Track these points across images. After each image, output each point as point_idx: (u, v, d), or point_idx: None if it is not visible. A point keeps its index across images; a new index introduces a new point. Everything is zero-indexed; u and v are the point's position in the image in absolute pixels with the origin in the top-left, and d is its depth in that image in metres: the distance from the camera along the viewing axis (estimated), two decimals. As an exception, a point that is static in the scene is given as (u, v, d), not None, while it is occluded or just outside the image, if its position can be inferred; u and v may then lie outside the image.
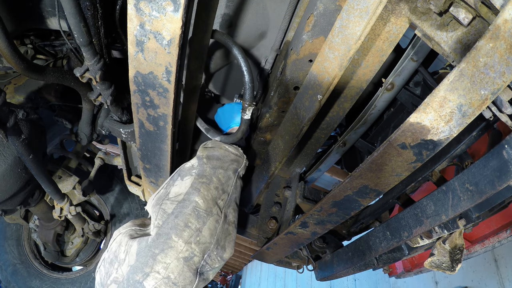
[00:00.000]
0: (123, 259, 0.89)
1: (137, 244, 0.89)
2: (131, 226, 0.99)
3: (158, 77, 0.87)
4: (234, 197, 1.10)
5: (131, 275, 0.85)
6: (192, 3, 0.79)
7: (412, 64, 1.16)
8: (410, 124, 0.67)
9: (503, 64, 0.53)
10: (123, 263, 0.88)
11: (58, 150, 2.29)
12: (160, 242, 0.88)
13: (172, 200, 0.97)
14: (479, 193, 0.75)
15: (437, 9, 0.67)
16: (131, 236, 0.94)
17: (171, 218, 0.93)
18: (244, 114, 1.12)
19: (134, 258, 0.87)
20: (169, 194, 1.00)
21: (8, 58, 0.97)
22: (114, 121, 1.37)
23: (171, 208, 0.95)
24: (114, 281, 0.87)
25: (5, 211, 2.29)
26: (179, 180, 1.04)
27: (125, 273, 0.86)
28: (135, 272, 0.85)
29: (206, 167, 1.07)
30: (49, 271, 2.88)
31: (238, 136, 1.20)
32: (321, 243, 1.64)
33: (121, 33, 1.19)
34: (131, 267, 0.86)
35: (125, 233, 0.96)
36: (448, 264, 1.05)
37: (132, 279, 0.84)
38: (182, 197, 0.97)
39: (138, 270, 0.85)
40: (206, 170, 1.07)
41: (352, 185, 0.90)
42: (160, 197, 1.01)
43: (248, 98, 1.08)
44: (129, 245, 0.90)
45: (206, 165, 1.08)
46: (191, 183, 1.00)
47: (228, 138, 1.24)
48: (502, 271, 2.77)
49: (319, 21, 0.94)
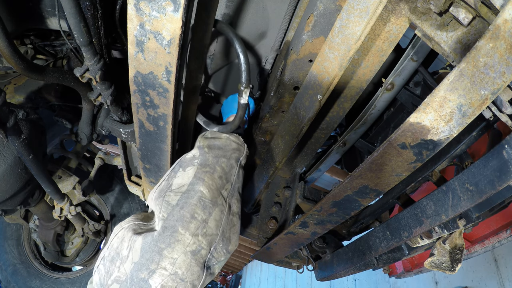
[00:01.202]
0: (126, 256, 0.82)
1: (142, 239, 0.83)
2: (134, 221, 0.92)
3: (158, 77, 0.87)
4: (237, 187, 1.06)
5: (135, 273, 0.79)
6: (192, 3, 0.79)
7: (412, 64, 1.16)
8: (410, 124, 0.67)
9: (503, 64, 0.53)
10: (126, 260, 0.82)
11: (58, 150, 2.29)
12: (166, 235, 0.83)
13: (176, 192, 0.92)
14: (479, 193, 0.75)
15: (437, 9, 0.67)
16: (135, 231, 0.87)
17: (176, 210, 0.88)
18: (240, 99, 1.08)
19: (138, 254, 0.81)
20: (171, 185, 0.95)
21: (8, 58, 0.97)
22: (114, 121, 1.37)
23: (175, 199, 0.90)
24: (115, 280, 0.80)
25: (5, 211, 2.29)
26: (181, 171, 0.98)
27: (128, 271, 0.80)
28: (139, 270, 0.79)
29: (208, 156, 1.03)
30: (49, 271, 2.88)
31: (236, 124, 1.16)
32: (321, 243, 1.64)
33: (121, 33, 1.19)
34: (135, 264, 0.80)
35: (128, 228, 0.88)
36: (448, 264, 1.05)
37: (136, 277, 0.78)
38: (186, 188, 0.92)
39: (143, 267, 0.79)
40: (209, 159, 1.02)
41: (352, 185, 0.90)
42: (162, 190, 0.96)
43: (244, 81, 1.04)
44: (132, 241, 0.84)
45: (208, 154, 1.03)
46: (194, 173, 0.96)
47: (226, 127, 1.20)
48: (502, 271, 2.77)
49: (319, 21, 0.94)
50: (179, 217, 0.86)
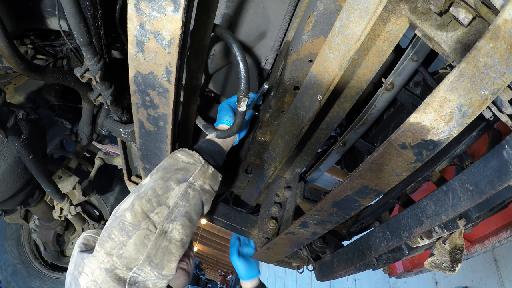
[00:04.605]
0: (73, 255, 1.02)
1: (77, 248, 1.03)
2: (93, 233, 1.11)
3: (158, 77, 0.87)
4: (184, 211, 0.96)
5: (73, 270, 0.96)
6: (192, 3, 0.79)
7: (412, 64, 1.16)
8: (410, 124, 0.67)
9: (503, 64, 0.53)
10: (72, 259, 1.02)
11: (58, 150, 2.29)
12: (89, 249, 1.00)
13: (115, 215, 0.95)
14: (479, 193, 0.75)
15: (437, 9, 0.67)
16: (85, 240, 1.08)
17: (102, 230, 0.95)
18: (239, 106, 1.07)
19: (74, 258, 1.00)
20: (118, 209, 0.97)
21: (8, 58, 0.97)
22: (114, 121, 1.37)
23: (109, 222, 0.95)
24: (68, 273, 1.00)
25: (5, 211, 2.29)
26: (128, 197, 0.99)
27: (71, 268, 0.98)
28: (75, 268, 0.95)
29: (149, 181, 1.00)
30: (49, 271, 2.87)
31: (233, 130, 1.15)
32: (321, 243, 1.64)
33: (121, 33, 1.19)
34: (74, 264, 0.98)
35: (82, 237, 1.09)
36: (448, 264, 1.05)
37: (72, 273, 0.96)
38: (121, 213, 0.94)
39: (76, 267, 0.95)
40: (148, 184, 0.98)
41: (352, 185, 0.90)
42: (113, 213, 0.98)
43: (243, 89, 1.03)
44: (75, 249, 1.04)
45: (150, 179, 1.01)
46: (132, 200, 0.95)
47: (223, 133, 1.19)
48: (502, 271, 2.77)
49: (319, 21, 0.94)
50: (100, 236, 0.94)
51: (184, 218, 0.96)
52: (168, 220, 0.93)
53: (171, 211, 0.94)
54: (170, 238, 0.93)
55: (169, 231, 0.93)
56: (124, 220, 0.90)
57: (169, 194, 0.96)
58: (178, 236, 0.94)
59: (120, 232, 0.89)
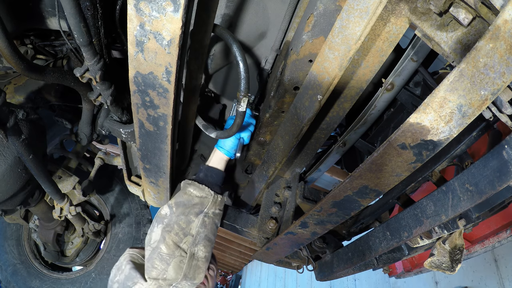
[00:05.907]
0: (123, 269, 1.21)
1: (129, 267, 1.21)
2: (138, 253, 1.27)
3: (158, 77, 0.87)
4: (204, 235, 1.24)
5: (124, 280, 1.17)
6: (192, 3, 0.79)
7: (412, 64, 1.16)
8: (410, 125, 0.67)
9: (503, 64, 0.53)
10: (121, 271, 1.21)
11: (58, 150, 2.29)
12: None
13: (151, 246, 1.20)
14: (479, 193, 0.75)
15: (437, 9, 0.67)
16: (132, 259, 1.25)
17: (145, 261, 1.19)
18: (239, 106, 1.08)
19: (123, 272, 1.19)
20: (150, 240, 1.21)
21: (8, 58, 0.97)
22: (114, 121, 1.37)
23: (148, 252, 1.19)
24: (116, 281, 1.19)
25: (5, 211, 2.28)
26: (155, 228, 1.23)
27: (122, 278, 1.18)
28: (126, 279, 1.16)
29: (172, 216, 1.23)
30: (49, 271, 2.87)
31: (233, 131, 1.17)
32: (321, 243, 1.64)
33: (121, 33, 1.19)
34: (124, 276, 1.18)
35: (128, 255, 1.25)
36: (448, 264, 1.05)
37: (123, 282, 1.16)
38: (156, 244, 1.18)
39: (127, 279, 1.16)
40: (172, 219, 1.22)
41: (352, 185, 0.90)
42: (148, 242, 1.22)
43: (242, 89, 1.04)
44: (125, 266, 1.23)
45: (174, 214, 1.24)
46: (161, 232, 1.20)
47: (223, 133, 1.21)
48: (502, 271, 2.77)
49: (319, 21, 0.94)
50: (145, 267, 1.17)
51: (205, 240, 1.24)
52: (193, 245, 1.21)
53: (195, 238, 1.22)
54: (198, 257, 1.21)
55: (196, 253, 1.21)
56: (161, 252, 1.16)
57: (191, 225, 1.22)
58: (203, 254, 1.22)
59: (161, 262, 1.15)
